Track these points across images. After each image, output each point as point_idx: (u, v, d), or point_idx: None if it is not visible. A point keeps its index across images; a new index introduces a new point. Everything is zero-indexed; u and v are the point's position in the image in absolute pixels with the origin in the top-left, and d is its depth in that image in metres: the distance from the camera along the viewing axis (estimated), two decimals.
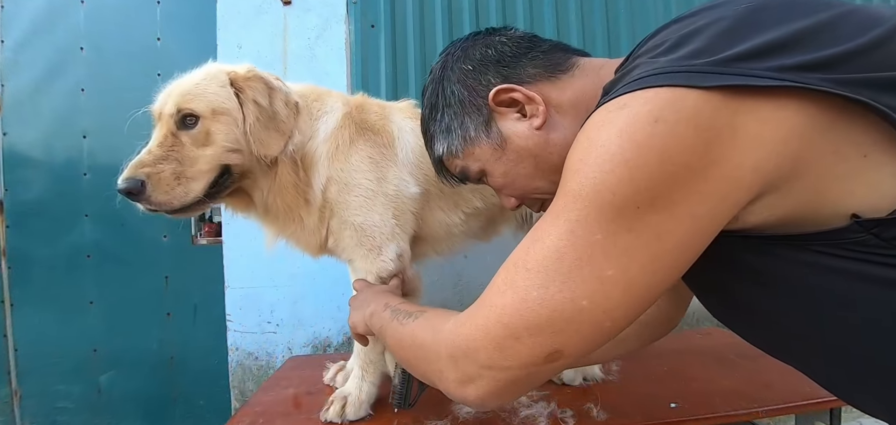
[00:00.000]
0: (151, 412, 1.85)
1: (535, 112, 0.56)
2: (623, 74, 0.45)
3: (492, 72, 0.59)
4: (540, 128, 0.56)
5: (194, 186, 0.82)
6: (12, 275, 1.81)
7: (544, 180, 0.59)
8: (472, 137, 0.60)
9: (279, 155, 0.89)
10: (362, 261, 0.96)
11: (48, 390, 1.81)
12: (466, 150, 0.62)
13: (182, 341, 1.83)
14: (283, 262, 1.57)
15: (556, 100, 0.56)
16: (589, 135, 0.41)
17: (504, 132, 0.58)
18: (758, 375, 1.10)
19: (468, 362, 0.46)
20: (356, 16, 1.68)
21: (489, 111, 0.59)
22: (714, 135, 0.36)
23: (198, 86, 0.85)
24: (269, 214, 0.95)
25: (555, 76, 0.57)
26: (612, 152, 0.38)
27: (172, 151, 0.81)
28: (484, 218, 1.09)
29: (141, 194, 0.77)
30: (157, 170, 0.79)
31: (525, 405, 0.96)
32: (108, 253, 1.81)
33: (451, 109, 0.61)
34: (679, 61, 0.39)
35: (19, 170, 1.80)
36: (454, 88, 0.61)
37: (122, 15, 1.82)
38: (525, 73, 0.57)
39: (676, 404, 0.95)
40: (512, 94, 0.56)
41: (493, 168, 0.61)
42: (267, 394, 1.12)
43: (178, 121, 0.83)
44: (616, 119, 0.39)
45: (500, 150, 0.59)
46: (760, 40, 0.37)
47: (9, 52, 1.80)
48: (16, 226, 1.80)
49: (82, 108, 1.80)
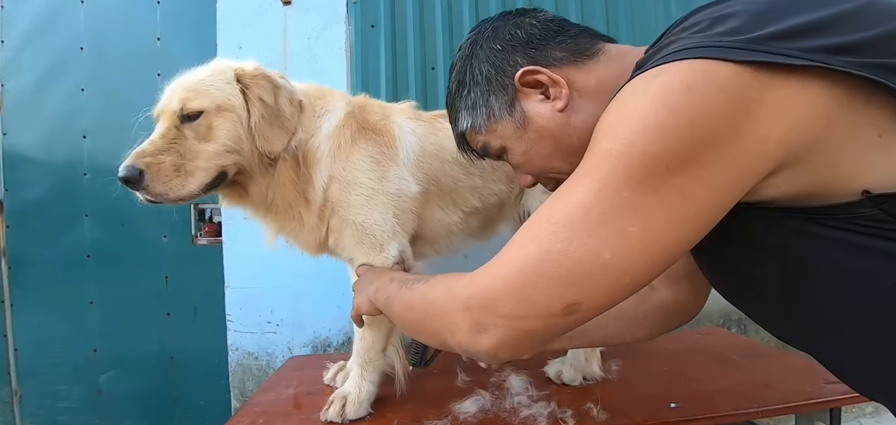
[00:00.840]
0: (151, 412, 1.85)
1: (559, 94, 0.58)
2: (656, 51, 0.47)
3: (520, 52, 0.60)
4: (562, 110, 0.58)
5: (192, 180, 0.82)
6: (12, 275, 1.81)
7: (562, 161, 0.62)
8: (496, 115, 0.63)
9: (282, 151, 0.90)
10: (363, 260, 0.96)
11: (48, 390, 1.81)
12: (490, 127, 0.64)
13: (182, 341, 1.83)
14: (284, 263, 1.56)
15: (581, 83, 0.58)
16: (623, 99, 0.43)
17: (527, 112, 0.61)
18: (758, 375, 1.10)
19: (485, 312, 0.47)
20: (356, 16, 1.68)
21: (514, 90, 0.61)
22: (743, 107, 0.38)
23: (203, 81, 0.86)
24: (269, 211, 0.95)
25: (580, 60, 0.59)
26: (644, 114, 0.40)
27: (174, 143, 0.82)
28: (482, 217, 1.10)
29: (139, 183, 0.78)
30: (158, 160, 0.79)
31: (525, 405, 0.96)
32: (108, 253, 1.81)
33: (478, 86, 0.63)
34: (713, 37, 0.41)
35: (19, 170, 1.80)
36: (483, 66, 0.63)
37: (123, 15, 1.82)
38: (552, 56, 0.59)
39: (676, 404, 0.95)
40: (537, 76, 0.58)
41: (514, 146, 0.64)
42: (267, 394, 1.12)
43: (182, 115, 0.83)
44: (650, 85, 0.41)
45: (521, 129, 0.62)
46: (791, 23, 0.39)
47: (9, 52, 1.80)
48: (16, 226, 1.80)
49: (82, 109, 1.80)
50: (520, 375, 1.09)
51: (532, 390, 1.02)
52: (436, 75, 1.70)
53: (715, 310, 1.79)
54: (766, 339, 1.82)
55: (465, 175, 1.05)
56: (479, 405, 0.97)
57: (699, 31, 0.43)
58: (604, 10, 1.80)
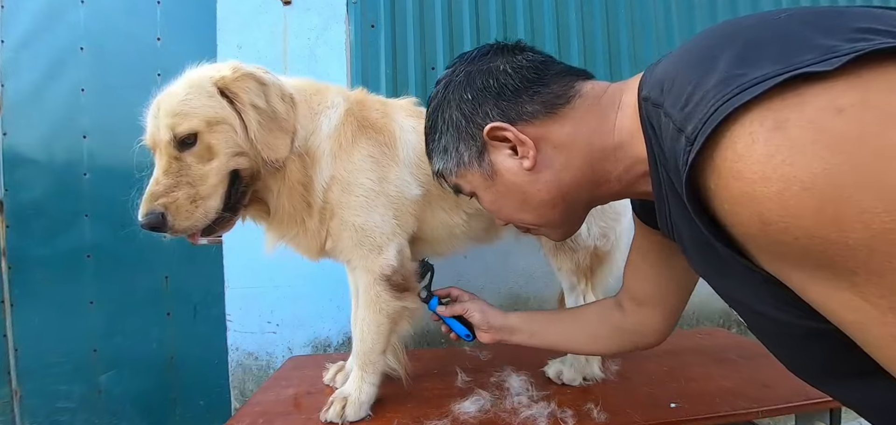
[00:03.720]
0: (151, 412, 1.84)
1: (526, 154, 0.58)
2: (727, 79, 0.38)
3: (490, 104, 0.59)
4: (530, 169, 0.58)
5: (212, 203, 0.81)
6: (12, 274, 1.80)
7: (531, 214, 0.63)
8: (465, 163, 0.63)
9: (287, 154, 0.86)
10: (362, 261, 0.96)
11: (48, 390, 1.81)
12: (459, 172, 0.65)
13: (182, 341, 1.83)
14: (284, 263, 1.56)
15: (554, 136, 0.57)
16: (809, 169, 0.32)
17: (495, 165, 0.61)
18: (758, 375, 1.10)
19: None
20: (356, 16, 1.68)
21: (483, 142, 0.60)
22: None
23: (184, 102, 0.81)
24: (274, 218, 0.94)
25: (554, 111, 0.57)
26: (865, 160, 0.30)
27: (181, 176, 0.79)
28: (486, 219, 1.09)
29: (164, 225, 0.77)
30: (172, 198, 0.78)
31: (525, 405, 0.96)
32: (108, 253, 1.80)
33: (448, 133, 0.64)
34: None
35: (19, 170, 1.80)
36: (453, 114, 0.63)
37: (123, 15, 1.82)
38: (524, 110, 0.58)
39: (676, 404, 0.95)
40: (505, 133, 0.58)
41: (483, 194, 0.65)
42: (267, 394, 1.12)
43: (177, 144, 0.81)
44: (830, 132, 0.31)
45: (490, 180, 0.62)
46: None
47: (9, 51, 1.80)
48: (16, 226, 1.80)
49: (82, 108, 1.80)
50: (520, 375, 1.09)
51: (532, 390, 1.02)
52: (436, 75, 1.69)
53: (715, 310, 1.79)
54: None
55: None
56: (479, 405, 0.97)
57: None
58: (604, 10, 1.80)
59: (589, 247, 1.08)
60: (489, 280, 1.68)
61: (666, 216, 0.52)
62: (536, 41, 1.73)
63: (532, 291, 1.70)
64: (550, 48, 1.73)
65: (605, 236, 1.08)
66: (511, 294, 1.70)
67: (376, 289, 0.95)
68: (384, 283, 0.95)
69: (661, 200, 0.51)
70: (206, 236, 0.84)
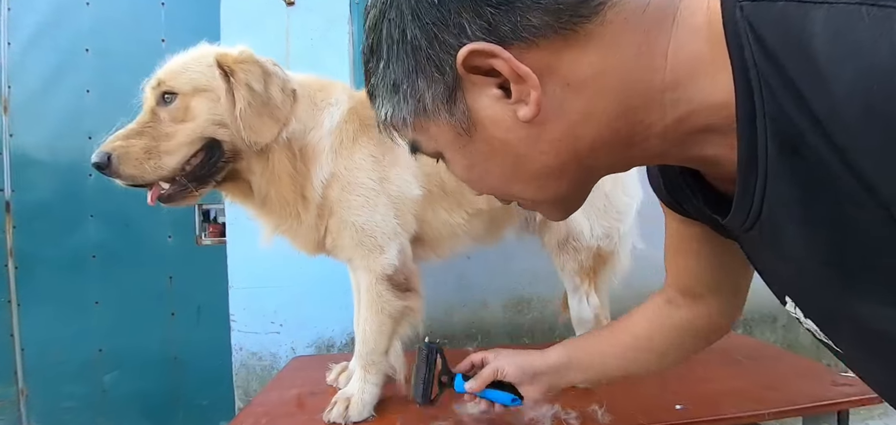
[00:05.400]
0: (155, 412, 1.85)
1: (524, 96, 0.36)
2: None
3: (469, 11, 0.35)
4: (530, 120, 0.36)
5: (168, 160, 0.83)
6: (19, 275, 1.82)
7: (527, 186, 0.42)
8: (427, 107, 0.39)
9: (271, 142, 0.87)
10: (363, 261, 0.96)
11: (54, 390, 1.82)
12: (417, 123, 0.41)
13: (186, 341, 1.84)
14: (287, 263, 1.56)
15: (570, 69, 0.36)
16: None
17: (474, 113, 0.38)
18: (764, 376, 1.09)
19: None
20: (359, 16, 1.68)
21: (455, 77, 0.37)
22: None
23: (181, 64, 0.87)
24: (265, 206, 0.94)
25: (570, 26, 0.34)
26: None
27: (148, 127, 0.83)
28: (487, 219, 1.09)
29: (108, 167, 0.80)
30: (128, 144, 0.81)
31: (529, 407, 0.95)
32: (112, 253, 1.81)
33: (399, 60, 0.39)
34: None
35: (27, 171, 1.81)
36: (408, 28, 0.37)
37: (127, 17, 1.83)
38: (523, 21, 0.34)
39: (682, 406, 0.94)
40: (492, 61, 0.35)
41: (454, 156, 0.42)
42: (270, 395, 1.12)
43: (159, 97, 0.85)
44: None
45: (465, 136, 0.39)
46: None
47: (15, 54, 1.82)
48: (22, 226, 1.81)
49: (88, 110, 1.81)
50: None
51: None
52: None
53: None
54: (771, 340, 1.80)
55: None
56: (481, 407, 0.96)
57: None
58: None
59: (592, 247, 1.07)
60: (492, 281, 1.67)
61: (752, 195, 0.34)
62: None
63: (535, 292, 1.69)
64: None
65: (608, 236, 1.08)
66: (514, 295, 1.69)
67: (378, 288, 0.95)
68: (386, 283, 0.95)
69: (750, 171, 0.33)
70: (166, 202, 0.86)
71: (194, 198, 0.89)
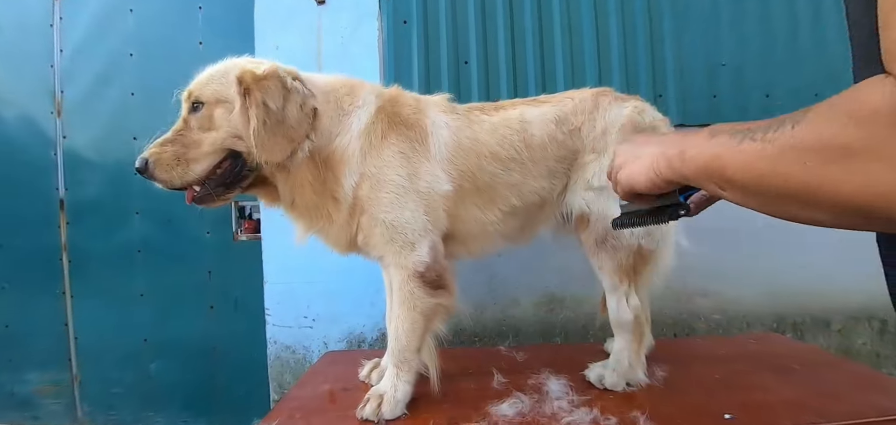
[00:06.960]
0: (196, 400, 1.93)
1: None
2: None
3: None
4: None
5: (195, 167, 0.88)
6: (72, 268, 1.94)
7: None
8: None
9: (285, 160, 0.89)
10: (394, 258, 0.95)
11: (103, 376, 1.94)
12: None
13: (224, 333, 1.91)
14: (320, 259, 1.58)
15: None
16: None
17: None
18: (821, 385, 1.01)
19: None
20: (388, 12, 1.68)
21: None
22: None
23: (208, 75, 0.93)
24: (296, 209, 0.96)
25: None
26: None
27: (180, 135, 0.89)
28: (522, 217, 1.05)
29: (146, 171, 0.86)
30: (161, 150, 0.87)
31: (566, 411, 0.92)
32: (156, 248, 1.91)
33: None
34: None
35: (78, 170, 1.92)
36: None
37: (167, 21, 1.90)
38: None
39: (731, 416, 0.88)
40: None
41: None
42: (303, 389, 1.14)
43: (190, 106, 0.91)
44: None
45: None
46: None
47: (67, 60, 1.93)
48: (75, 222, 1.93)
49: (132, 112, 1.90)
50: (559, 378, 1.05)
51: (572, 394, 0.98)
52: (469, 70, 1.66)
53: (767, 313, 1.67)
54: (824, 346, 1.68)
55: (502, 170, 1.01)
56: (516, 408, 0.94)
57: None
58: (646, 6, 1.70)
59: (632, 246, 1.02)
60: (524, 278, 1.63)
61: None
62: (574, 36, 1.67)
63: (569, 292, 1.64)
64: (589, 43, 1.66)
65: (649, 234, 1.02)
66: (547, 293, 1.65)
67: (410, 285, 0.94)
68: (418, 280, 0.94)
69: None
70: (200, 203, 0.92)
71: (224, 201, 0.93)
